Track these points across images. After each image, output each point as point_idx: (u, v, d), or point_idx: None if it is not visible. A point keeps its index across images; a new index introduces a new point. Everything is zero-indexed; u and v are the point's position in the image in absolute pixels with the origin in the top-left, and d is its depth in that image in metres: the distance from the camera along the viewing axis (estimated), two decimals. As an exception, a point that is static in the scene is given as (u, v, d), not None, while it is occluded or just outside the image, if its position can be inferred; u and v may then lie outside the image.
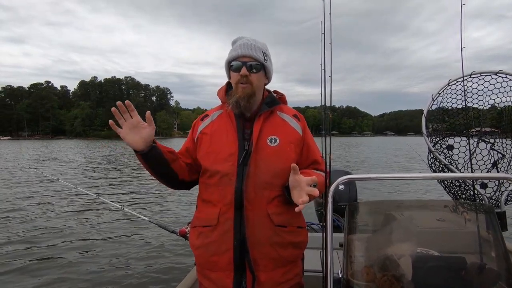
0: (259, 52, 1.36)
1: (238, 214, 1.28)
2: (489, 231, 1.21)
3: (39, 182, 12.36)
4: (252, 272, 1.28)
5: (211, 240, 1.32)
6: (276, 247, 1.31)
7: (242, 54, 1.34)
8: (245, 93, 1.33)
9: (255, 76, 1.35)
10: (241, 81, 1.33)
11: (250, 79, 1.33)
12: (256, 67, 1.35)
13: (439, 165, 1.99)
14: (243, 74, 1.32)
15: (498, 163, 1.86)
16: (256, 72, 1.35)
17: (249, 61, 1.34)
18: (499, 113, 2.01)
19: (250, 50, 1.34)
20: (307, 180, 1.18)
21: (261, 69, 1.37)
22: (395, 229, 1.30)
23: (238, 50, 1.35)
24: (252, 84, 1.34)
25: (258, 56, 1.35)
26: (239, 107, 1.34)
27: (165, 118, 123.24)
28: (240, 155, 1.31)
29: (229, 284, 1.29)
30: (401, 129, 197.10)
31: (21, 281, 4.35)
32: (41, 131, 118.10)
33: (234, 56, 1.35)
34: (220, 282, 1.31)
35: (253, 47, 1.35)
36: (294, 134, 1.40)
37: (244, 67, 1.33)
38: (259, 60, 1.35)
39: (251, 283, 1.29)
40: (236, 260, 1.28)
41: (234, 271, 1.29)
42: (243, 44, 1.36)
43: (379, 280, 1.16)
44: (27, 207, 8.46)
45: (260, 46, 1.38)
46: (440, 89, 2.00)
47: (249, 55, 1.34)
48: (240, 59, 1.34)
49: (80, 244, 5.72)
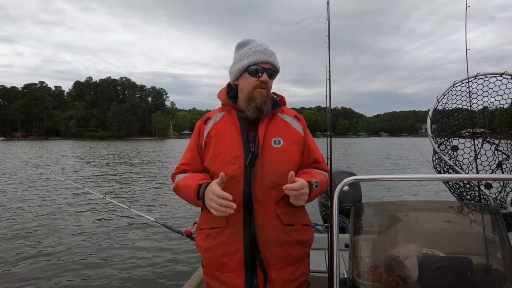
0: (275, 58, 1.41)
1: (247, 215, 1.30)
2: (495, 232, 1.22)
3: (45, 182, 12.36)
4: (264, 271, 1.31)
5: (220, 242, 1.33)
6: (285, 246, 1.34)
7: (264, 60, 1.36)
8: (264, 98, 1.37)
9: (271, 82, 1.40)
10: (261, 86, 1.36)
11: (268, 85, 1.38)
12: (273, 74, 1.40)
13: (444, 166, 1.99)
14: (265, 81, 1.35)
15: (503, 164, 1.86)
16: (273, 79, 1.41)
17: (270, 67, 1.37)
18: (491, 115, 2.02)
19: (271, 57, 1.38)
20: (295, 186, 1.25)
21: (274, 76, 1.42)
22: (400, 230, 1.30)
23: (260, 56, 1.36)
24: (269, 90, 1.40)
25: (276, 62, 1.40)
26: (260, 111, 1.37)
27: (161, 119, 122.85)
28: (246, 157, 1.32)
29: (241, 284, 1.30)
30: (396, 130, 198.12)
31: (22, 281, 4.36)
32: (35, 132, 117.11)
33: (255, 61, 1.36)
34: (231, 283, 1.32)
35: (272, 54, 1.39)
36: (297, 135, 1.43)
37: (265, 73, 1.36)
38: (277, 68, 1.40)
39: (263, 281, 1.31)
40: (247, 260, 1.30)
41: (245, 271, 1.31)
42: (264, 50, 1.37)
43: (385, 281, 1.16)
44: (33, 207, 8.49)
45: (273, 52, 1.42)
46: (445, 90, 2.01)
47: (271, 62, 1.37)
48: (262, 65, 1.36)
49: (86, 244, 5.76)
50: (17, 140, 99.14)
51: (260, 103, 1.36)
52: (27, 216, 7.66)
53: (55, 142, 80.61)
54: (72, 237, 6.14)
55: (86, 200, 9.28)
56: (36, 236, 6.16)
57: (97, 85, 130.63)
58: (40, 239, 5.98)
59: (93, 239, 6.03)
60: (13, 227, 6.74)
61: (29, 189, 11.19)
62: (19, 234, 6.27)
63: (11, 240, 5.93)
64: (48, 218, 7.50)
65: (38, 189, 11.29)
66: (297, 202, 1.29)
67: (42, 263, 4.93)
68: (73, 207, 8.56)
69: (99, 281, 4.39)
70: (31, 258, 5.09)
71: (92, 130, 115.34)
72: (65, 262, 4.99)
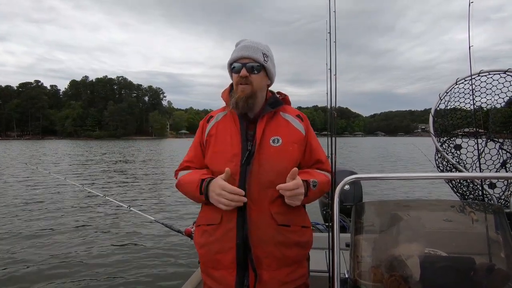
0: (258, 53, 1.37)
1: (241, 213, 1.30)
2: (498, 232, 1.20)
3: (45, 182, 12.31)
4: (254, 270, 1.30)
5: (215, 239, 1.34)
6: (280, 247, 1.32)
7: (241, 55, 1.37)
8: (244, 93, 1.35)
9: (256, 77, 1.37)
10: (240, 82, 1.36)
11: (250, 79, 1.36)
12: (256, 68, 1.37)
13: (447, 165, 1.98)
14: (243, 75, 1.35)
15: (507, 163, 1.86)
16: (257, 73, 1.37)
17: (249, 62, 1.36)
18: (486, 114, 2.02)
19: (249, 51, 1.36)
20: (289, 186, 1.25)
21: (261, 70, 1.39)
22: (402, 229, 1.29)
23: (239, 52, 1.38)
24: (252, 84, 1.36)
25: (258, 57, 1.37)
26: (238, 108, 1.36)
27: (158, 118, 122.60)
28: (243, 155, 1.33)
29: (232, 282, 1.31)
30: (392, 129, 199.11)
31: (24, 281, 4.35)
32: (31, 131, 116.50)
33: (235, 58, 1.38)
34: (223, 280, 1.33)
35: (252, 48, 1.37)
36: (297, 134, 1.41)
37: (244, 68, 1.35)
38: (259, 61, 1.37)
39: (253, 281, 1.30)
40: (239, 259, 1.30)
41: (237, 269, 1.31)
42: (243, 46, 1.39)
43: (387, 281, 1.15)
44: (32, 206, 8.47)
45: (260, 47, 1.39)
46: (448, 88, 2.00)
47: (248, 56, 1.36)
48: (240, 61, 1.37)
49: (86, 243, 5.75)
50: (12, 139, 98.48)
51: (237, 98, 1.35)
52: (27, 216, 7.61)
53: (51, 141, 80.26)
54: (71, 236, 6.12)
55: (86, 199, 9.26)
56: (36, 236, 6.12)
57: (93, 84, 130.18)
58: (40, 239, 5.94)
59: (92, 238, 6.01)
60: (13, 227, 6.69)
61: (30, 189, 11.12)
62: (19, 234, 6.23)
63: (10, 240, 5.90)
64: (48, 217, 7.48)
65: (38, 188, 11.23)
66: (292, 202, 1.28)
67: (41, 262, 4.90)
68: (73, 207, 8.53)
69: (99, 280, 4.38)
70: (31, 258, 5.06)
71: (89, 129, 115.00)
72: (64, 261, 4.97)
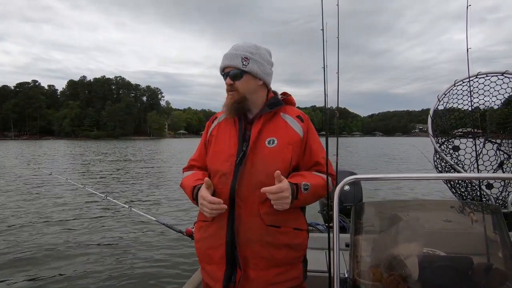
0: (237, 59, 1.40)
1: (232, 212, 1.34)
2: (496, 232, 1.22)
3: (45, 181, 12.28)
4: (240, 267, 1.33)
5: (208, 234, 1.41)
6: (268, 247, 1.33)
7: (223, 66, 1.44)
8: (232, 100, 1.41)
9: (239, 83, 1.41)
10: (228, 90, 1.43)
11: (236, 86, 1.41)
12: (238, 75, 1.41)
13: (445, 166, 1.99)
14: (228, 83, 1.42)
15: (504, 164, 1.87)
16: (240, 78, 1.41)
17: (230, 70, 1.41)
18: (482, 115, 2.03)
19: (228, 60, 1.42)
20: None
21: (243, 75, 1.41)
22: (401, 229, 1.30)
23: (222, 62, 1.45)
24: (238, 90, 1.41)
25: (236, 64, 1.40)
26: (231, 113, 1.43)
27: (156, 118, 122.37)
28: (238, 155, 1.36)
29: (220, 276, 1.36)
30: (390, 129, 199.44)
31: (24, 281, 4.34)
32: (29, 131, 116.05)
33: (220, 68, 1.46)
34: (213, 274, 1.40)
35: (231, 56, 1.42)
36: (294, 135, 1.40)
37: (228, 77, 1.42)
38: (238, 67, 1.40)
39: (239, 278, 1.34)
40: (228, 255, 1.35)
41: (226, 266, 1.36)
42: (224, 56, 1.45)
43: (386, 280, 1.15)
44: (34, 207, 8.44)
45: (240, 52, 1.41)
46: (446, 89, 2.01)
47: (228, 65, 1.42)
48: (225, 70, 1.44)
49: (87, 244, 5.74)
50: (10, 139, 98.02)
51: (225, 105, 1.44)
52: (28, 215, 7.61)
53: (49, 141, 79.95)
54: (72, 236, 6.12)
55: (86, 199, 9.23)
56: (35, 235, 6.12)
57: (91, 84, 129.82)
58: (40, 239, 5.94)
59: (93, 238, 6.00)
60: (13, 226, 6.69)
61: (30, 189, 11.08)
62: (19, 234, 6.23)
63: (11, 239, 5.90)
64: (48, 217, 7.47)
65: (39, 188, 11.21)
66: (278, 206, 1.27)
67: (41, 262, 4.91)
68: (73, 207, 8.52)
69: (99, 280, 4.38)
70: (30, 258, 5.06)
71: (87, 129, 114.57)
72: (65, 261, 4.97)
